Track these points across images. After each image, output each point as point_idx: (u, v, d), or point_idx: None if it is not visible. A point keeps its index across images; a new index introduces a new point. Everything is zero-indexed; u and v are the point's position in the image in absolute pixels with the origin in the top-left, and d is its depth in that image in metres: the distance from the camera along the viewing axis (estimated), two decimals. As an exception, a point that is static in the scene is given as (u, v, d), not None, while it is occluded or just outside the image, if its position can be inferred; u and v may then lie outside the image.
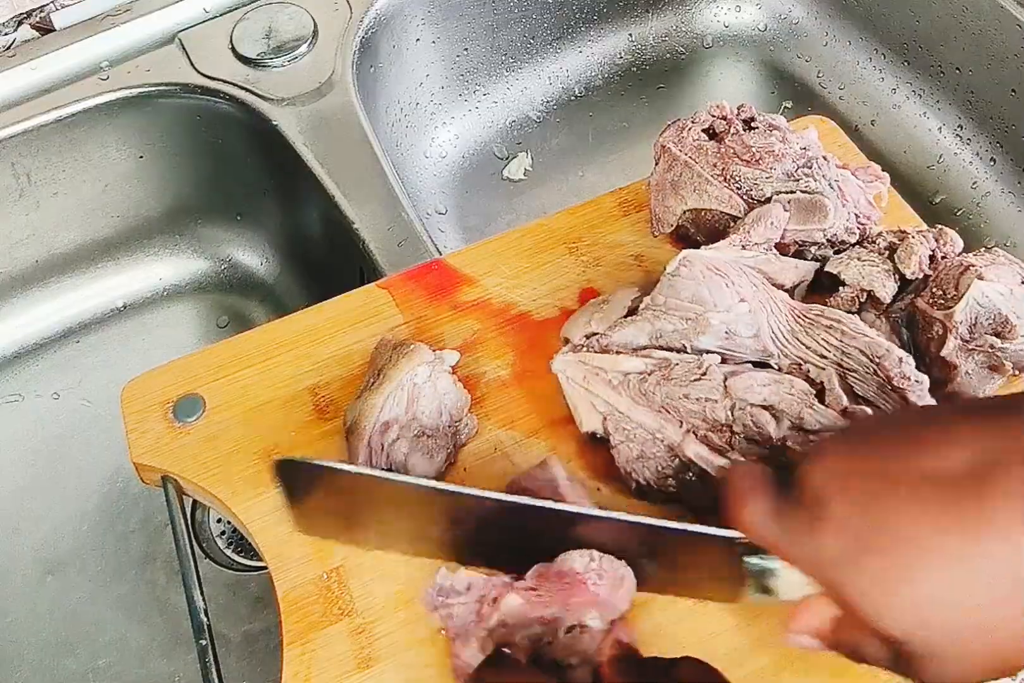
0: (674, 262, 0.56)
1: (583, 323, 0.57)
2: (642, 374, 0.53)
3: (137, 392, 0.61)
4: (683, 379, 0.53)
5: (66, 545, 0.83)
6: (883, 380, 0.52)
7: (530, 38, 1.01)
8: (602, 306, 0.58)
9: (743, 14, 1.06)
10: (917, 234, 0.58)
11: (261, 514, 0.56)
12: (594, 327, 0.56)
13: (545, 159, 1.02)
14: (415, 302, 0.63)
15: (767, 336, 0.54)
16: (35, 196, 0.86)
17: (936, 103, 0.97)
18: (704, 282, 0.55)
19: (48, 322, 0.93)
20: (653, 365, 0.53)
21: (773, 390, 0.52)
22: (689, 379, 0.52)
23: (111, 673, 0.78)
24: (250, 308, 0.94)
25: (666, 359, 0.53)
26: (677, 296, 0.55)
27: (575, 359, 0.55)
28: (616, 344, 0.55)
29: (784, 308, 0.55)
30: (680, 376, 0.53)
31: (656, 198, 0.63)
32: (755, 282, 0.56)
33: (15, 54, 0.85)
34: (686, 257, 0.56)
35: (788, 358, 0.54)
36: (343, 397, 0.59)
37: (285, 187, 0.87)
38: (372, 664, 0.51)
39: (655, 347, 0.55)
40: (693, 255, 0.56)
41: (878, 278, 0.57)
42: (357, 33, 0.87)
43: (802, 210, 0.59)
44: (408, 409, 0.55)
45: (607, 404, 0.54)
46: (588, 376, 0.55)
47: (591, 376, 0.54)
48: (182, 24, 0.87)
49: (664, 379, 0.53)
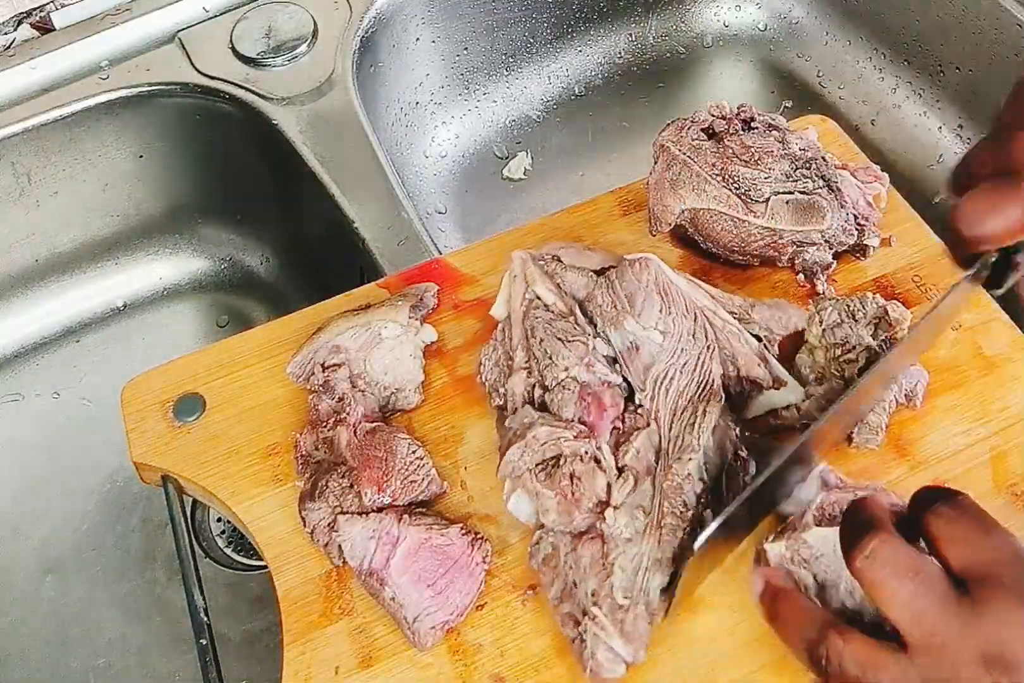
0: (634, 256, 0.57)
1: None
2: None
3: (137, 392, 0.61)
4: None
5: (66, 545, 0.83)
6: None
7: (530, 38, 1.01)
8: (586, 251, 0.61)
9: (743, 13, 1.06)
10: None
11: (261, 513, 0.56)
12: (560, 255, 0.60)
13: (545, 159, 1.02)
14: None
15: (652, 375, 0.54)
16: (35, 196, 0.86)
17: (936, 103, 0.97)
18: (643, 290, 0.56)
19: (48, 322, 0.93)
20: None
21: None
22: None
23: (111, 672, 0.78)
24: (250, 308, 0.94)
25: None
26: (620, 283, 0.56)
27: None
28: (569, 279, 0.58)
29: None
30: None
31: (655, 197, 0.63)
32: (695, 328, 0.56)
33: (15, 54, 0.85)
34: (647, 259, 0.57)
35: (650, 403, 0.54)
36: (343, 397, 0.59)
37: (285, 187, 0.87)
38: (372, 664, 0.51)
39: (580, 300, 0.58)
40: (654, 263, 0.57)
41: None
42: (357, 32, 0.87)
43: (800, 211, 0.59)
44: (361, 349, 0.57)
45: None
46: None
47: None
48: (182, 23, 0.87)
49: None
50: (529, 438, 0.52)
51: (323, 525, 0.53)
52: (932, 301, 0.61)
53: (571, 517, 0.51)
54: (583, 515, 0.51)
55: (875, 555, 0.42)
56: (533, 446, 0.52)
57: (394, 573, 0.51)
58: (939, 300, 0.52)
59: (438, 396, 0.59)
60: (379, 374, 0.58)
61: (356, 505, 0.53)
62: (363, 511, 0.53)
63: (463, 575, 0.52)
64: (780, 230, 0.60)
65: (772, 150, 0.60)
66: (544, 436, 0.52)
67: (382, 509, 0.53)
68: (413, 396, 0.59)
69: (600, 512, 0.51)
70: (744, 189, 0.60)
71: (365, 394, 0.57)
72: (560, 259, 0.59)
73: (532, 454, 0.52)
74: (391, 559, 0.51)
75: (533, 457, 0.52)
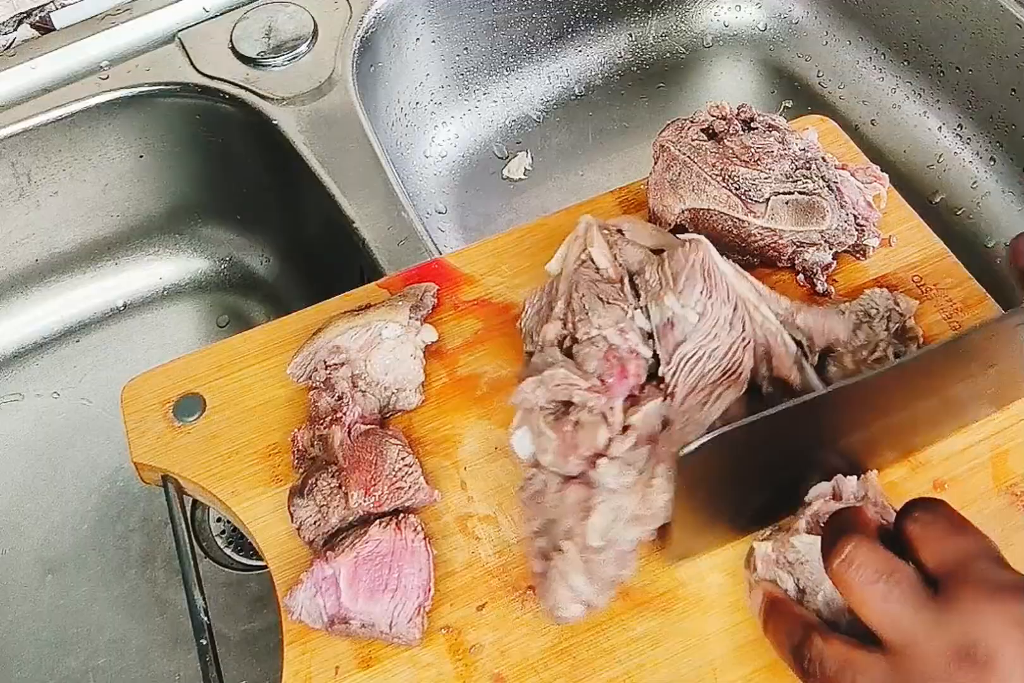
0: (688, 235, 0.57)
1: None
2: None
3: (137, 392, 0.61)
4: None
5: (66, 544, 0.83)
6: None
7: (530, 38, 1.01)
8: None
9: (743, 13, 1.06)
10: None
11: (261, 513, 0.56)
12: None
13: (545, 158, 1.02)
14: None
15: (681, 351, 0.54)
16: (35, 196, 0.86)
17: (936, 103, 0.97)
18: (688, 270, 0.56)
19: (48, 321, 0.93)
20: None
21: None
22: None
23: (111, 672, 0.78)
24: (250, 308, 0.94)
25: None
26: (670, 262, 0.56)
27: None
28: (626, 251, 0.58)
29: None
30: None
31: (654, 197, 0.63)
32: (733, 317, 0.55)
33: (15, 54, 0.85)
34: (698, 241, 0.56)
35: (671, 378, 0.54)
36: (343, 397, 0.59)
37: (285, 187, 0.87)
38: (372, 664, 0.51)
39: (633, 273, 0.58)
40: (704, 245, 0.56)
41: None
42: (357, 32, 0.87)
43: (800, 211, 0.59)
44: (362, 349, 0.58)
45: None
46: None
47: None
48: (182, 23, 0.87)
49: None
50: (546, 375, 0.53)
51: (309, 522, 0.53)
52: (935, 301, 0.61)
53: (566, 461, 0.52)
54: (578, 461, 0.52)
55: (850, 558, 0.43)
56: (548, 383, 0.53)
57: (350, 604, 0.51)
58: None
59: (438, 396, 0.59)
60: (380, 374, 0.58)
61: (343, 506, 0.53)
62: (347, 514, 0.53)
63: (407, 558, 0.52)
64: (780, 230, 0.60)
65: (772, 150, 0.60)
66: (560, 378, 0.53)
67: (368, 513, 0.53)
68: (414, 396, 0.59)
69: (594, 461, 0.52)
70: (744, 189, 0.60)
71: (366, 394, 0.57)
72: (623, 232, 0.60)
73: (545, 391, 0.53)
74: (340, 598, 0.51)
75: (545, 394, 0.53)
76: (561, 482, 0.52)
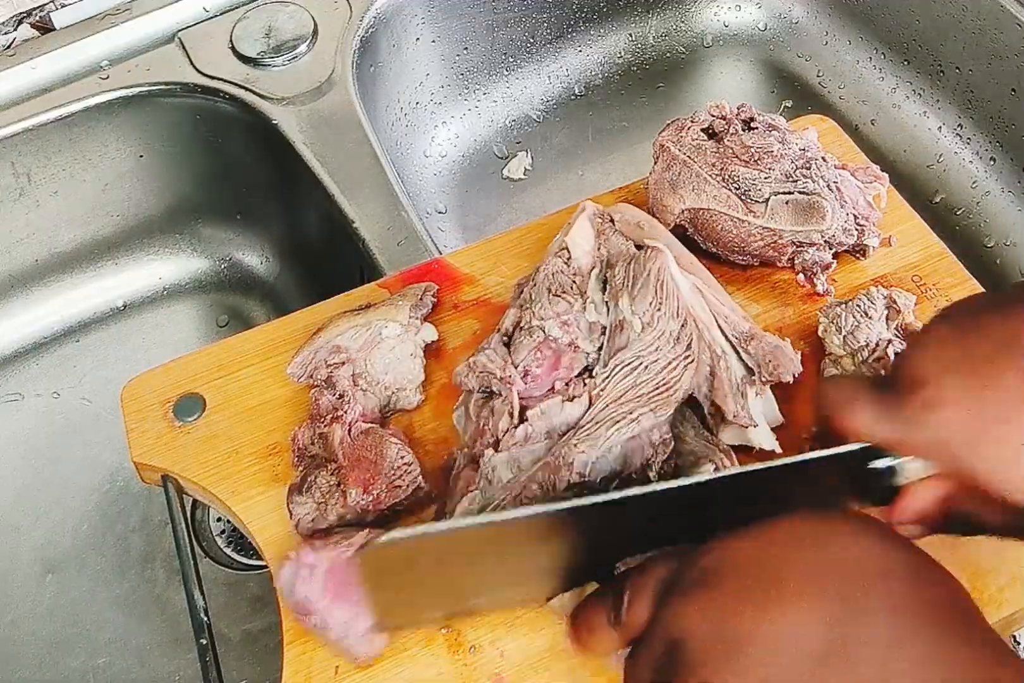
0: (652, 242, 0.57)
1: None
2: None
3: (137, 391, 0.61)
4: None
5: (66, 544, 0.83)
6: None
7: (530, 37, 1.01)
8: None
9: (743, 13, 1.06)
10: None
11: (261, 513, 0.56)
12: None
13: (545, 158, 1.02)
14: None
15: (619, 357, 0.54)
16: (35, 195, 0.86)
17: (936, 103, 0.97)
18: (643, 278, 0.56)
19: (48, 321, 0.92)
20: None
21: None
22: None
23: (111, 672, 0.78)
24: (250, 308, 0.94)
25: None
26: (635, 264, 0.57)
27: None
28: (612, 242, 0.59)
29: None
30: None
31: (654, 197, 0.63)
32: (680, 333, 0.55)
33: (15, 53, 0.85)
34: (659, 250, 0.56)
35: (601, 382, 0.54)
36: (343, 397, 0.59)
37: (285, 186, 0.87)
38: (372, 663, 0.51)
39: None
40: (664, 257, 0.56)
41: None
42: (357, 32, 0.87)
43: (800, 211, 0.59)
44: (362, 349, 0.58)
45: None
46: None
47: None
48: (182, 23, 0.87)
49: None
50: (471, 360, 0.56)
51: (307, 518, 0.54)
52: (935, 301, 0.61)
53: (475, 444, 0.54)
54: (482, 447, 0.53)
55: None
56: (474, 368, 0.55)
57: (316, 599, 0.50)
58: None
59: (438, 396, 0.59)
60: (380, 374, 0.58)
61: (340, 503, 0.53)
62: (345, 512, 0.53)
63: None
64: (780, 230, 0.60)
65: (772, 150, 0.60)
66: (480, 364, 0.55)
67: (365, 510, 0.53)
68: (414, 396, 0.59)
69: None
70: (744, 189, 0.60)
71: (367, 393, 0.57)
72: (613, 220, 0.60)
73: (470, 374, 0.55)
74: (311, 588, 0.50)
75: (475, 379, 0.55)
76: (468, 460, 0.54)
